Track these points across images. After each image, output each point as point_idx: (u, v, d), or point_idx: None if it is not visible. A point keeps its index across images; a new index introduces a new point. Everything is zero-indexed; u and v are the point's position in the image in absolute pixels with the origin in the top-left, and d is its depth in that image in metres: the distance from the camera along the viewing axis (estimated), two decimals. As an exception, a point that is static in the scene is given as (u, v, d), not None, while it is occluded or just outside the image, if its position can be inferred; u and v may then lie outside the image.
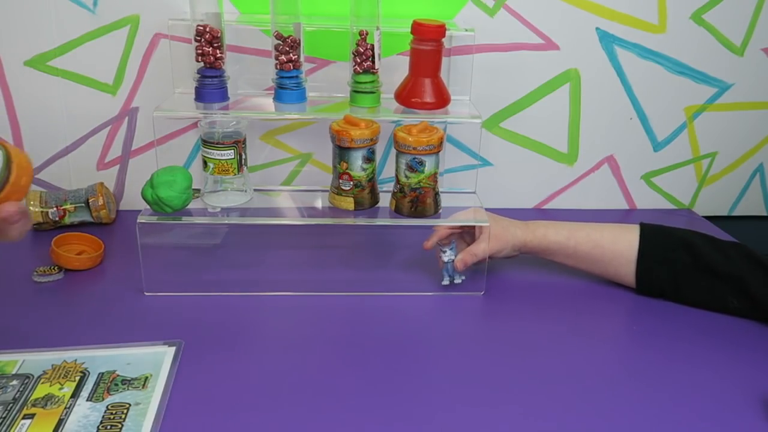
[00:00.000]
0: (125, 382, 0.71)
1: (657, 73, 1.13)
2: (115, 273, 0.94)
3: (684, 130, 1.18)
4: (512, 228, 0.92)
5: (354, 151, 0.89)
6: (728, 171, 1.23)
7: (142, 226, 0.86)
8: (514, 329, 0.85)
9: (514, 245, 0.91)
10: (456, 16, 1.07)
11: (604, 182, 1.21)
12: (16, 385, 0.70)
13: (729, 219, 1.26)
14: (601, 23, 1.09)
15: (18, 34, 1.02)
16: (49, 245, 0.93)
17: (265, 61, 1.03)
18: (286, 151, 1.13)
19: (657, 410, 0.71)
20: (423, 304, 0.90)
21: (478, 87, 1.09)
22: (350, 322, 0.85)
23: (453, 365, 0.77)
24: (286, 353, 0.78)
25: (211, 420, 0.67)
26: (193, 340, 0.79)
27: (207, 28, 0.88)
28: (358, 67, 0.93)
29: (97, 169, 1.11)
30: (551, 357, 0.79)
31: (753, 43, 1.13)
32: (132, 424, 0.65)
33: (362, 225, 0.95)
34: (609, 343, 0.83)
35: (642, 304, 0.90)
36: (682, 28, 1.11)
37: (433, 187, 0.91)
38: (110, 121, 1.08)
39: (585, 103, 1.14)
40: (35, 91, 1.05)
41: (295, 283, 0.92)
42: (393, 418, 0.68)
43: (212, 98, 0.92)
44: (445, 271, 0.91)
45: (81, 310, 0.85)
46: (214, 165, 0.91)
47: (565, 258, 0.93)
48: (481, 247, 0.89)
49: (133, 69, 1.05)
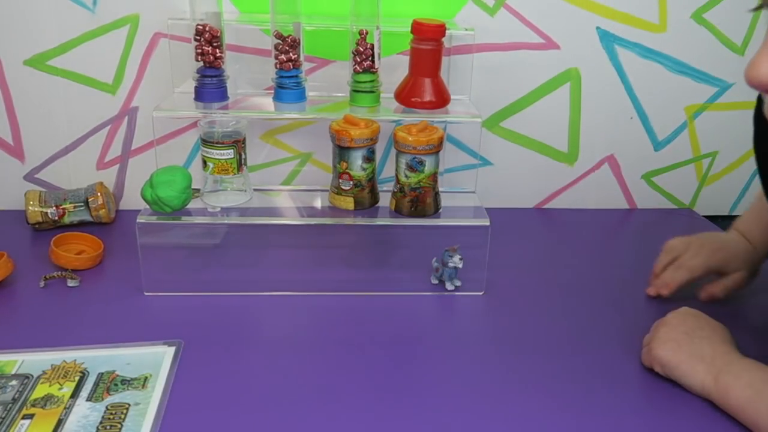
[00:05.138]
0: (125, 382, 0.71)
1: (657, 73, 1.13)
2: (114, 273, 0.94)
3: (684, 129, 1.18)
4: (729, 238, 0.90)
5: (354, 150, 0.89)
6: (729, 170, 1.23)
7: (141, 226, 0.86)
8: (514, 329, 0.85)
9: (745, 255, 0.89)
10: (456, 16, 1.07)
11: (604, 182, 1.21)
12: (16, 385, 0.70)
13: (729, 219, 1.26)
14: (601, 22, 1.09)
15: (18, 33, 1.01)
16: (49, 245, 0.93)
17: (265, 61, 1.03)
18: (285, 150, 1.13)
19: (657, 410, 0.71)
20: (423, 304, 0.90)
21: (478, 87, 1.09)
22: (350, 322, 0.85)
23: (453, 365, 0.77)
24: (286, 353, 0.78)
25: (211, 420, 0.67)
26: (193, 340, 0.79)
27: (207, 28, 0.88)
28: (358, 67, 0.93)
29: (97, 169, 1.11)
30: (551, 357, 0.79)
31: (754, 43, 1.13)
32: (132, 424, 0.65)
33: (362, 225, 0.95)
34: (609, 343, 0.82)
35: (642, 304, 0.90)
36: (682, 27, 1.10)
37: (433, 186, 0.91)
38: (110, 120, 1.08)
39: (585, 103, 1.14)
40: (35, 90, 1.05)
41: (294, 283, 0.91)
42: (393, 417, 0.68)
43: (212, 98, 0.91)
44: (447, 275, 0.91)
45: (80, 310, 0.85)
46: (213, 165, 0.90)
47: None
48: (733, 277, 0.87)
49: (133, 68, 1.05)
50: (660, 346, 0.74)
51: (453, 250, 0.90)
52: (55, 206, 1.03)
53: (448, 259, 0.90)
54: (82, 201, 1.04)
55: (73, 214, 1.04)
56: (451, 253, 0.90)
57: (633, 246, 1.11)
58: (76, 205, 1.04)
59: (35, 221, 1.03)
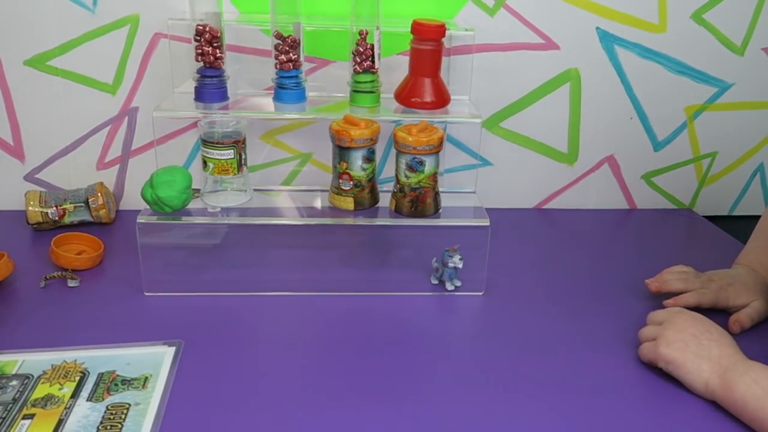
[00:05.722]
0: (125, 382, 0.71)
1: (657, 73, 1.13)
2: (114, 273, 0.94)
3: (684, 129, 1.18)
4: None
5: (354, 150, 0.89)
6: (728, 171, 1.23)
7: (141, 226, 0.86)
8: (514, 329, 0.85)
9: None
10: (456, 16, 1.07)
11: (604, 182, 1.21)
12: (16, 385, 0.70)
13: (729, 219, 1.26)
14: (601, 23, 1.09)
15: (18, 33, 1.01)
16: (49, 245, 0.93)
17: (265, 61, 1.03)
18: (285, 150, 1.13)
19: (657, 410, 0.71)
20: (423, 304, 0.90)
21: (478, 87, 1.09)
22: (350, 322, 0.85)
23: (453, 365, 0.77)
24: (286, 353, 0.78)
25: (211, 420, 0.67)
26: (193, 340, 0.79)
27: (207, 28, 0.88)
28: (358, 67, 0.93)
29: (97, 169, 1.11)
30: (551, 357, 0.79)
31: (753, 43, 1.13)
32: (132, 424, 0.65)
33: (362, 225, 0.95)
34: (608, 342, 0.83)
35: (642, 304, 0.90)
36: (682, 27, 1.10)
37: (433, 186, 0.91)
38: (110, 120, 1.08)
39: (585, 103, 1.14)
40: (35, 90, 1.05)
41: (294, 283, 0.92)
42: (393, 417, 0.68)
43: (212, 98, 0.92)
44: (447, 275, 0.91)
45: (81, 310, 0.85)
46: (214, 165, 0.91)
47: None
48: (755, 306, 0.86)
49: (133, 69, 1.05)
50: (668, 345, 0.74)
51: (453, 250, 0.90)
52: (56, 206, 1.03)
53: (448, 260, 0.90)
54: (83, 201, 1.04)
55: (73, 214, 1.04)
56: (451, 254, 0.90)
57: (633, 246, 1.11)
58: (77, 205, 1.04)
59: (35, 221, 1.03)
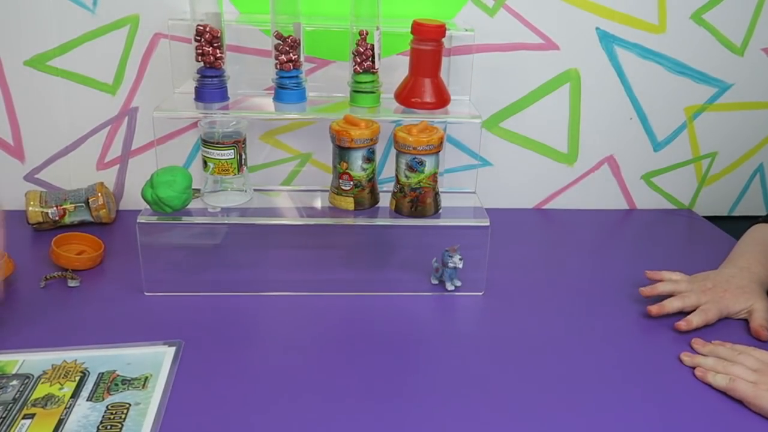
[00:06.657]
0: (125, 382, 0.71)
1: (657, 73, 1.13)
2: (115, 273, 0.94)
3: (684, 130, 1.18)
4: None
5: (354, 151, 0.89)
6: (728, 171, 1.23)
7: (142, 226, 0.86)
8: (514, 329, 0.85)
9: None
10: (456, 16, 1.07)
11: (604, 182, 1.21)
12: (16, 385, 0.70)
13: (729, 219, 1.26)
14: (601, 23, 1.09)
15: (18, 34, 1.01)
16: (49, 245, 0.93)
17: (265, 61, 1.03)
18: (285, 151, 1.13)
19: (657, 410, 0.71)
20: (423, 304, 0.90)
21: (478, 87, 1.09)
22: (350, 322, 0.85)
23: (453, 365, 0.77)
24: (286, 353, 0.78)
25: (211, 420, 0.67)
26: (193, 340, 0.79)
27: (207, 28, 0.88)
28: (358, 67, 0.93)
29: (97, 169, 1.11)
30: (551, 357, 0.79)
31: (753, 43, 1.13)
32: (132, 424, 0.65)
33: (362, 225, 0.95)
34: (609, 343, 0.83)
35: (642, 304, 0.90)
36: (682, 28, 1.10)
37: (433, 187, 0.91)
38: (110, 120, 1.08)
39: (585, 103, 1.14)
40: (35, 90, 1.05)
41: (294, 283, 0.92)
42: (392, 417, 0.68)
43: (212, 98, 0.92)
44: (447, 275, 0.91)
45: (81, 310, 0.85)
46: (214, 165, 0.91)
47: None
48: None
49: (133, 69, 1.05)
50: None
51: (453, 250, 0.90)
52: (56, 206, 1.03)
53: (448, 260, 0.90)
54: (83, 201, 1.04)
55: (73, 214, 1.04)
56: (451, 254, 0.90)
57: (632, 246, 1.11)
58: (77, 205, 1.04)
59: (36, 221, 1.03)
